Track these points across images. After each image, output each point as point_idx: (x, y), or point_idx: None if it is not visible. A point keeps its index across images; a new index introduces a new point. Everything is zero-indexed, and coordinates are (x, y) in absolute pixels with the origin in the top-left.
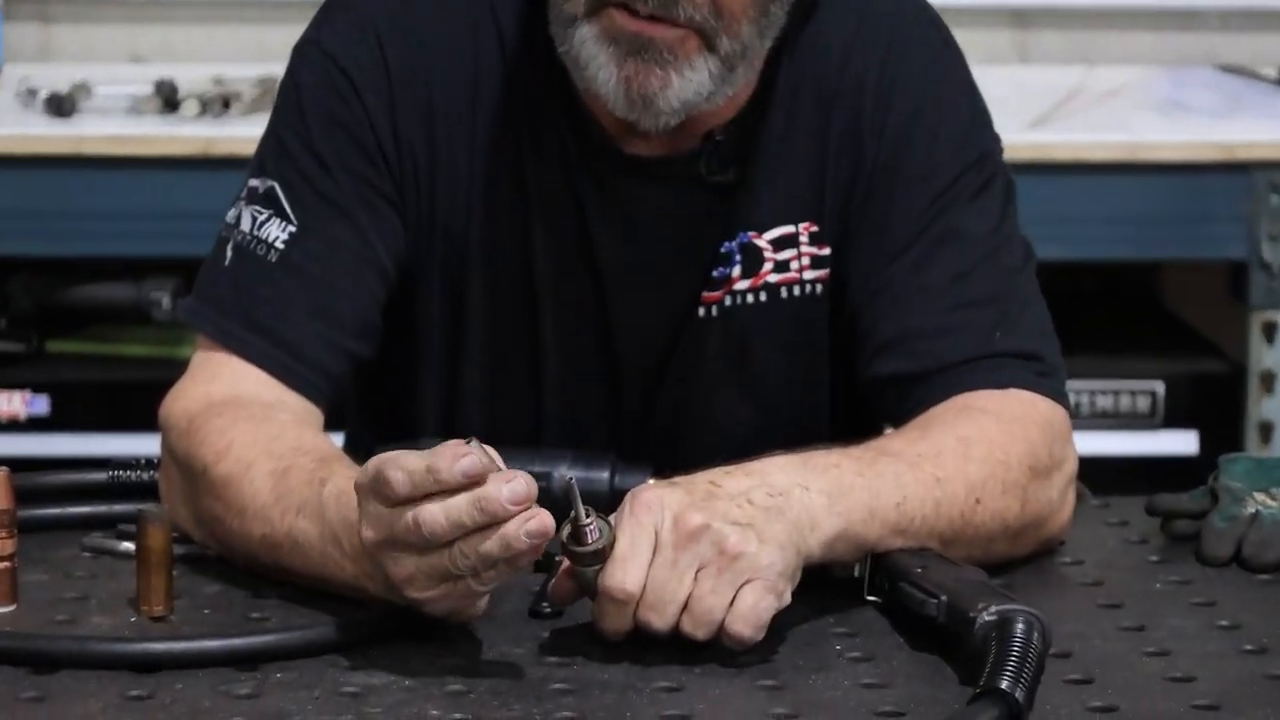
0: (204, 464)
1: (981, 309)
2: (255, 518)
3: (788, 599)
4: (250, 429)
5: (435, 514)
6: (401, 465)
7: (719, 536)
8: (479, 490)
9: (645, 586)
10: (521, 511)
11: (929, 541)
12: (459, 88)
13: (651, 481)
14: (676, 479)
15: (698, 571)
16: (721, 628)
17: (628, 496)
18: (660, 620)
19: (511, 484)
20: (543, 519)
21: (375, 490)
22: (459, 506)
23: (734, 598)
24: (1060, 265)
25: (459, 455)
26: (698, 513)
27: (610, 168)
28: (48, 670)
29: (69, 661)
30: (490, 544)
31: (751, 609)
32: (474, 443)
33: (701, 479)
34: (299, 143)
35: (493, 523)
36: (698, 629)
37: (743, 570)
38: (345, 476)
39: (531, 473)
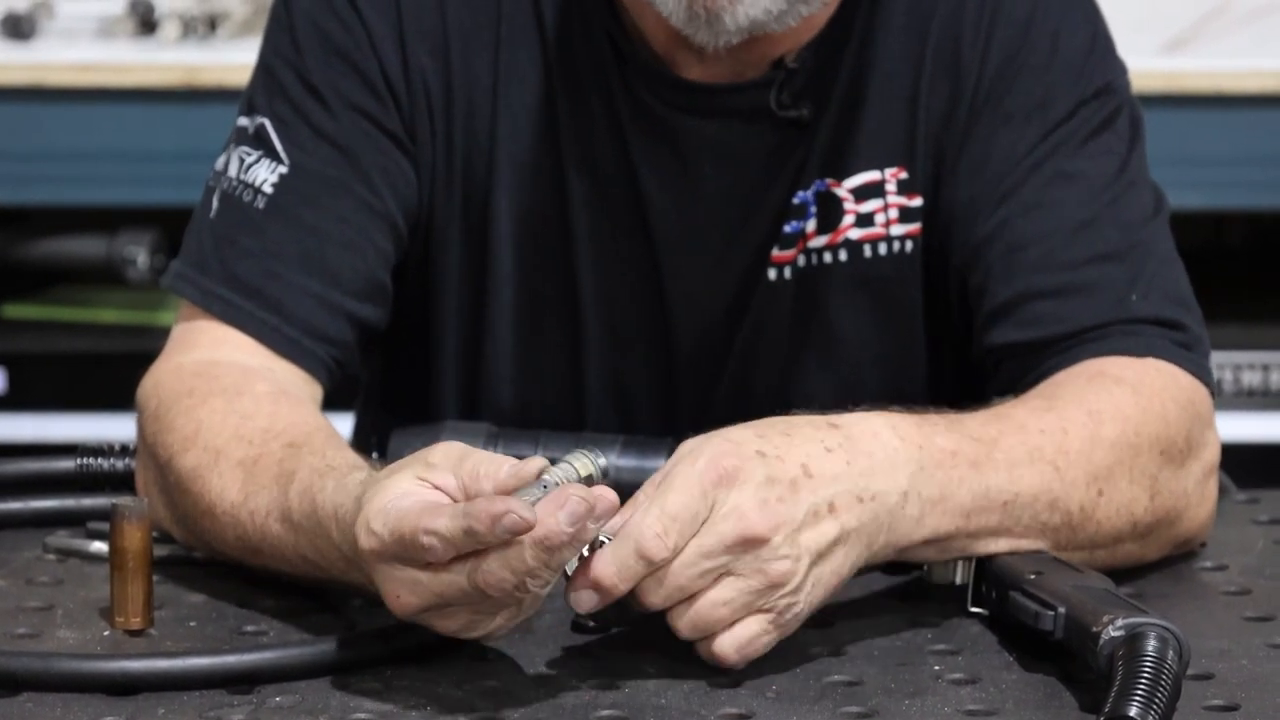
0: (170, 453)
1: (1112, 264)
2: (226, 518)
3: (791, 631)
4: (221, 406)
5: (499, 575)
6: (434, 530)
7: (768, 561)
8: (538, 535)
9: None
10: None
11: (1041, 541)
12: (478, 5)
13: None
14: (765, 455)
15: (723, 574)
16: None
17: (691, 449)
18: (656, 596)
19: (566, 509)
20: (606, 499)
21: (403, 556)
22: (523, 560)
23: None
24: (1198, 216)
25: (497, 516)
26: (766, 521)
27: (660, 98)
28: (7, 693)
29: (32, 683)
30: (566, 554)
31: (749, 640)
32: (538, 456)
33: (790, 467)
34: (291, 72)
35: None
36: (686, 628)
37: (768, 603)
38: (310, 468)
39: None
